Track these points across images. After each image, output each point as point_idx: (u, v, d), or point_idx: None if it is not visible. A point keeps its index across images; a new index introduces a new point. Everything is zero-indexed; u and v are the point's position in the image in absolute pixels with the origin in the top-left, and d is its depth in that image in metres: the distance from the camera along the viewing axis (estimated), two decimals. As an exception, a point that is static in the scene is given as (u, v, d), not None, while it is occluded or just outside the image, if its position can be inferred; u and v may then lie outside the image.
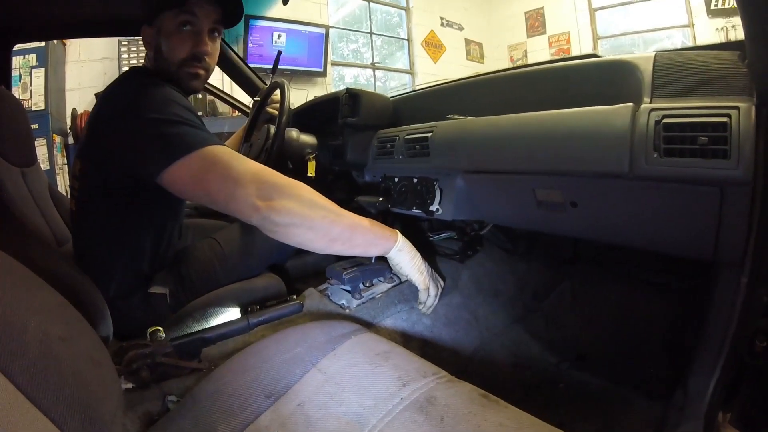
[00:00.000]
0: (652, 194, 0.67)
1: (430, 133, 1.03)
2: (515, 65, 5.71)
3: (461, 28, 6.32)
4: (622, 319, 1.18)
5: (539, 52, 6.14)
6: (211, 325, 0.93)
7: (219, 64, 1.81)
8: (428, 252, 1.27)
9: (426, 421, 0.58)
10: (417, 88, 1.55)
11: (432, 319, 1.10)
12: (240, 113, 2.25)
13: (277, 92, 1.38)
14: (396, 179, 1.21)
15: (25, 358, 0.41)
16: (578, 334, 1.18)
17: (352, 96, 1.27)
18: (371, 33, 5.65)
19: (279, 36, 4.26)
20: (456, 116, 1.02)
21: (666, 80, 0.65)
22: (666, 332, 1.08)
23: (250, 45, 4.08)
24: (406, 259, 0.94)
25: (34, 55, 3.54)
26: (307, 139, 1.34)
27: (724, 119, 0.54)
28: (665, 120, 0.59)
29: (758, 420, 0.66)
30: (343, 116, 1.27)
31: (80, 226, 1.03)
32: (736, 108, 0.54)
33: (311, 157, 1.31)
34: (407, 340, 1.06)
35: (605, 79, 0.79)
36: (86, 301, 0.75)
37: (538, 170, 0.82)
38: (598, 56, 0.88)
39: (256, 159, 1.29)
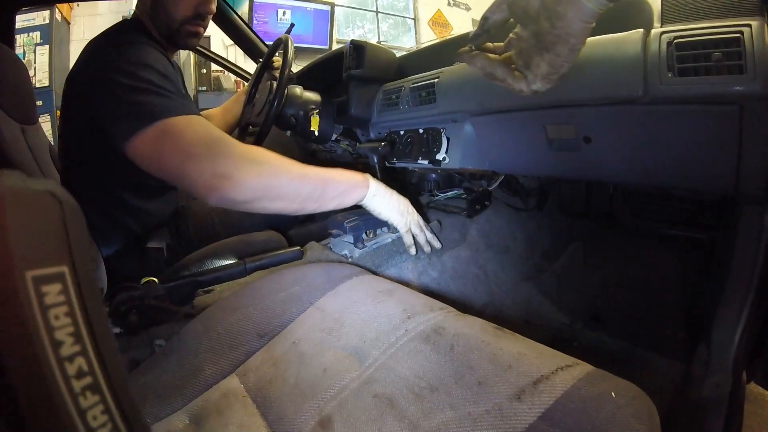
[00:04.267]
0: (668, 120, 0.65)
1: (437, 79, 0.99)
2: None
3: (468, 9, 6.19)
4: (637, 279, 1.12)
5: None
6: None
7: (222, 27, 1.77)
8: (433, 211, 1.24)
9: (433, 351, 0.54)
10: (422, 44, 1.50)
11: (439, 272, 1.05)
12: (245, 83, 2.21)
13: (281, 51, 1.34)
14: (402, 132, 1.17)
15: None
16: (591, 295, 1.13)
17: (357, 48, 1.22)
18: (377, 12, 5.56)
19: (284, 13, 4.18)
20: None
21: (675, 7, 0.64)
22: (682, 291, 1.03)
23: (255, 22, 4.01)
24: (382, 203, 0.90)
25: (38, 33, 3.53)
26: (311, 96, 1.30)
27: (737, 35, 0.53)
28: (677, 40, 0.58)
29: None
30: (347, 68, 1.22)
31: (66, 186, 1.00)
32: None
33: (315, 112, 1.27)
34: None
35: (613, 17, 0.77)
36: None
37: (548, 103, 0.78)
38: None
39: (258, 115, 1.26)
